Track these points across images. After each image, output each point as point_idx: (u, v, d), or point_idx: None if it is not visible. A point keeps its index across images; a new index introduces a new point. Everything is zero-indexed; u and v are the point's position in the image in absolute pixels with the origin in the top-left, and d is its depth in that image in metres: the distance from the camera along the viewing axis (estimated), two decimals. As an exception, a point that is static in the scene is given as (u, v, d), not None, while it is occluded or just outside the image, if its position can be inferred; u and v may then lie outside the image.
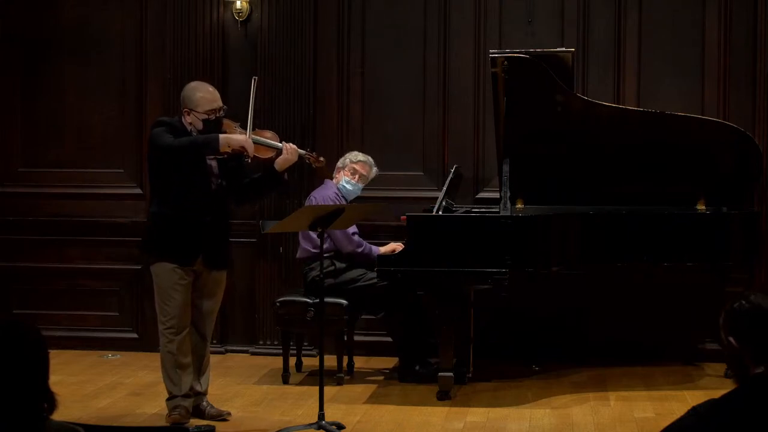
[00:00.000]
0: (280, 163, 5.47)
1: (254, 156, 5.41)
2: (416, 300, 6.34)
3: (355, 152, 6.82)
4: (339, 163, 6.79)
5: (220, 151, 5.25)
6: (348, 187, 6.68)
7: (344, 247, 6.54)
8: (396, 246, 6.55)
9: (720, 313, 2.80)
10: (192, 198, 5.39)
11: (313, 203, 6.51)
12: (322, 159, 5.70)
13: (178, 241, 5.42)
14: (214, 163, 5.47)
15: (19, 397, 2.41)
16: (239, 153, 5.31)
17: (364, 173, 6.74)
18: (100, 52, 7.57)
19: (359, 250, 6.55)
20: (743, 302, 2.74)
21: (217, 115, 5.44)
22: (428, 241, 6.02)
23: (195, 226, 5.41)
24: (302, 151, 5.59)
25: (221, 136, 5.26)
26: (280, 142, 5.52)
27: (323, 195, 6.61)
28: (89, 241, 7.58)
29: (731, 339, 2.74)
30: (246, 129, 5.41)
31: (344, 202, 6.51)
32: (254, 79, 5.54)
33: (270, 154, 5.48)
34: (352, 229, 6.53)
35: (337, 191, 6.65)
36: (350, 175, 6.70)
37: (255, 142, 5.40)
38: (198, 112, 5.42)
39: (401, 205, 6.96)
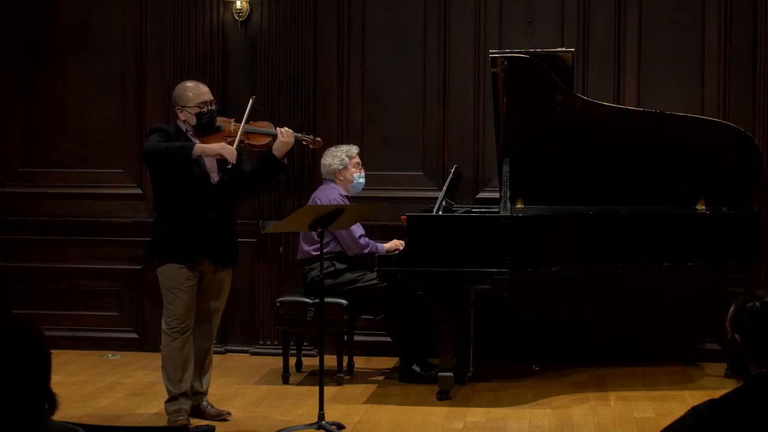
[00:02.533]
0: (278, 148, 5.48)
1: (250, 145, 5.50)
2: (416, 300, 6.34)
3: (342, 147, 6.76)
4: (336, 165, 6.69)
5: (193, 158, 5.24)
6: (361, 180, 6.70)
7: (351, 249, 6.53)
8: (398, 242, 6.56)
9: (729, 306, 2.79)
10: (193, 196, 5.40)
11: (317, 204, 6.50)
12: (318, 140, 5.72)
13: (182, 240, 5.42)
14: (213, 160, 5.47)
15: (20, 398, 2.40)
16: (221, 159, 5.33)
17: (359, 160, 6.75)
18: (100, 52, 7.57)
19: (366, 251, 6.54)
20: (756, 303, 2.72)
21: (209, 108, 5.46)
22: (428, 241, 6.02)
23: (198, 224, 5.42)
24: (298, 134, 5.61)
25: (197, 145, 5.27)
26: (275, 129, 5.53)
27: (328, 197, 6.57)
28: (89, 241, 7.58)
29: (736, 336, 2.74)
30: (239, 123, 5.44)
31: (350, 202, 6.53)
32: (252, 98, 5.55)
33: (265, 141, 5.51)
34: (359, 230, 6.52)
35: (341, 192, 6.63)
36: (357, 169, 6.71)
37: (249, 132, 5.45)
38: (189, 107, 5.45)
39: (401, 205, 6.96)
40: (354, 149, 6.76)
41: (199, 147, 5.26)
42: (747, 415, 2.61)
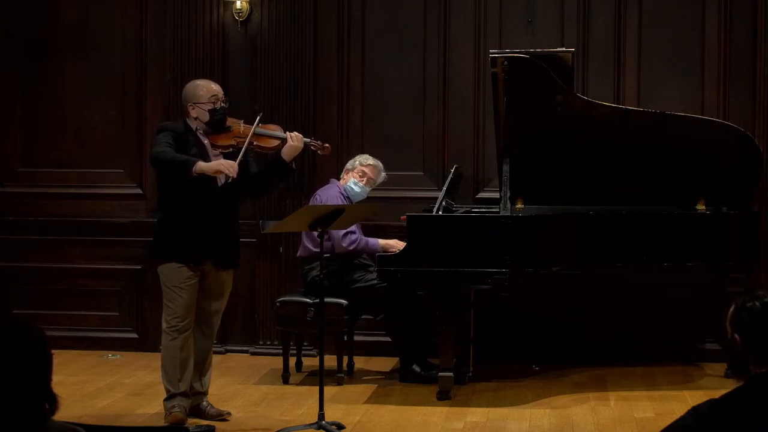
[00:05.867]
0: (287, 152, 5.49)
1: (259, 146, 5.51)
2: (416, 300, 6.34)
3: (366, 155, 6.82)
4: (348, 165, 6.78)
5: (191, 175, 5.20)
6: (355, 189, 6.68)
7: (337, 247, 6.53)
8: (399, 243, 6.53)
9: (729, 306, 2.78)
10: (199, 197, 5.40)
11: (318, 202, 6.50)
12: (327, 146, 5.71)
13: (186, 240, 5.43)
14: (220, 159, 5.45)
15: (20, 398, 2.40)
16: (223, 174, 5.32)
17: (373, 177, 6.74)
18: (100, 52, 7.57)
19: (351, 248, 6.52)
20: (756, 302, 2.72)
21: (222, 104, 5.48)
22: (428, 241, 6.02)
23: (203, 225, 5.42)
24: (307, 139, 5.62)
25: (199, 163, 5.23)
26: (284, 133, 5.54)
27: (327, 192, 6.60)
28: (89, 241, 7.58)
29: (736, 336, 2.74)
30: (249, 125, 5.46)
31: (348, 203, 6.53)
32: (260, 115, 5.56)
33: (275, 144, 5.52)
34: (351, 227, 6.50)
35: (341, 191, 6.64)
36: (359, 177, 6.71)
37: (259, 134, 5.46)
38: (202, 104, 5.47)
39: (401, 205, 6.96)
40: (369, 159, 6.75)
41: (199, 166, 5.21)
42: (747, 415, 2.61)
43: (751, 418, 2.60)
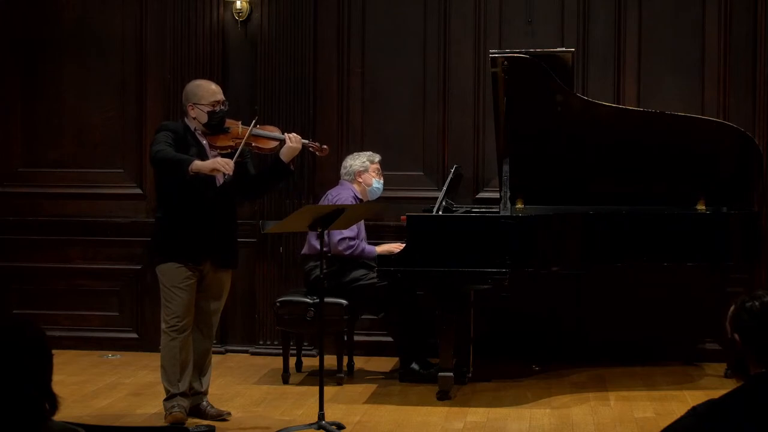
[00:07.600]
0: (285, 154, 5.50)
1: (258, 147, 5.53)
2: (416, 300, 6.34)
3: (369, 153, 6.81)
4: (357, 167, 6.73)
5: (188, 174, 5.19)
6: (379, 186, 6.73)
7: (332, 248, 6.52)
8: (392, 247, 6.52)
9: (729, 306, 2.79)
10: (198, 197, 5.40)
11: (330, 201, 6.49)
12: (325, 147, 5.71)
13: (186, 240, 5.43)
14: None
15: (21, 398, 2.40)
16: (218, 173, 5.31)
17: (380, 168, 6.77)
18: (100, 52, 7.57)
19: (347, 253, 6.50)
20: (755, 303, 2.72)
21: (221, 107, 5.48)
22: (428, 241, 6.02)
23: (202, 225, 5.42)
24: (305, 141, 5.62)
25: (195, 162, 5.22)
26: (283, 134, 5.55)
27: (341, 195, 6.58)
28: (89, 241, 7.58)
29: (736, 336, 2.74)
30: (247, 126, 5.47)
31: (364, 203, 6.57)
32: (255, 118, 5.56)
33: (273, 145, 5.53)
34: (348, 232, 6.48)
35: (356, 194, 6.64)
36: (377, 175, 6.73)
37: (256, 135, 5.48)
38: (202, 105, 5.47)
39: (401, 205, 6.96)
40: (377, 156, 6.79)
41: (195, 165, 5.20)
42: (747, 415, 2.61)
43: (751, 418, 2.60)
